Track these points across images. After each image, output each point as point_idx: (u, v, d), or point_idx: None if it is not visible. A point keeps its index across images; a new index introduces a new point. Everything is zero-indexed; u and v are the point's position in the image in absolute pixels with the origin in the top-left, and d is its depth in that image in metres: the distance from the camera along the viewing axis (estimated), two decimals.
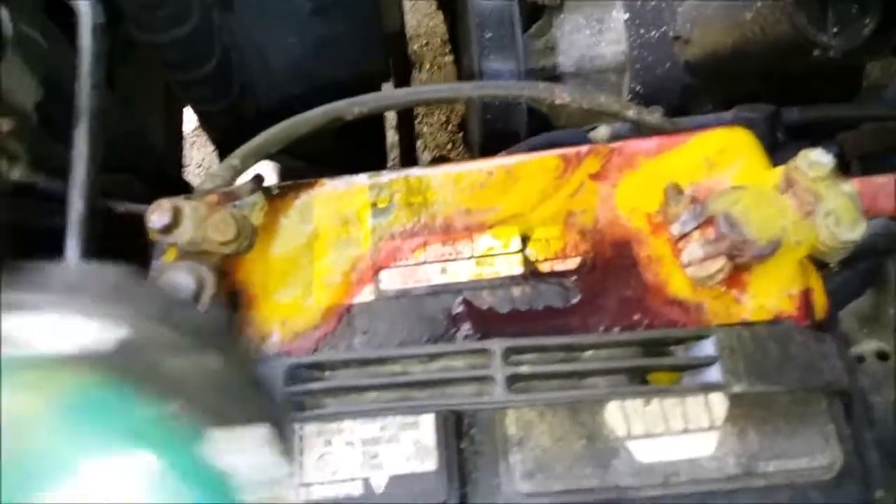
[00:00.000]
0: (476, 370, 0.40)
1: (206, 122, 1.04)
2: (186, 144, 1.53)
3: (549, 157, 0.53)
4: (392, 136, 1.29)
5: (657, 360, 0.40)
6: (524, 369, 0.40)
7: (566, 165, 0.52)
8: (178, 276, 0.49)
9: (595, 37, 0.86)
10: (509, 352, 0.40)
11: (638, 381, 0.40)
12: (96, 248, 0.57)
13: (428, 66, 1.94)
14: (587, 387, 0.40)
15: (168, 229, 0.50)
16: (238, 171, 0.53)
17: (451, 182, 0.53)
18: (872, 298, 0.78)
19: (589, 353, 0.41)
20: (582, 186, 0.51)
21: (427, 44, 1.93)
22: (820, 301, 0.47)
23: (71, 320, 0.21)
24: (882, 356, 0.75)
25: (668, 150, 0.51)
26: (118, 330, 0.21)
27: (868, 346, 0.75)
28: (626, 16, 0.84)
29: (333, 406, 0.41)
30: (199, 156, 1.68)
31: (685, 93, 0.85)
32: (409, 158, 1.21)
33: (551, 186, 0.52)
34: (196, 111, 1.01)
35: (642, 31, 0.84)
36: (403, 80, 1.19)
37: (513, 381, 0.40)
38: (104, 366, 0.20)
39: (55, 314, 0.21)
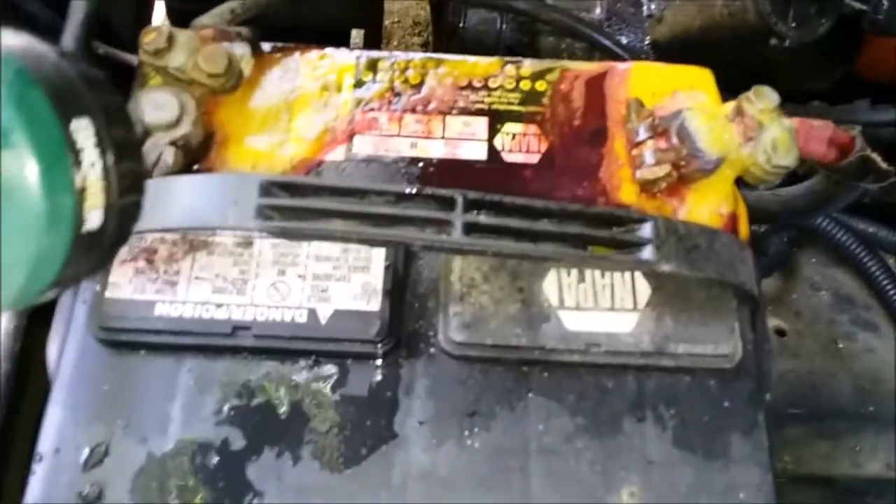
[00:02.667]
0: (438, 213, 0.43)
1: (177, 23, 1.03)
2: None
3: (533, 65, 0.57)
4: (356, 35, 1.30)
5: (601, 233, 0.44)
6: (482, 219, 0.43)
7: (543, 73, 0.56)
8: (162, 97, 0.50)
9: (576, 3, 0.91)
10: (471, 203, 0.44)
11: (581, 250, 0.44)
12: None
13: (395, 44, 1.97)
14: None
15: (160, 53, 0.51)
16: (236, 16, 0.55)
17: (434, 69, 0.56)
18: (779, 282, 0.86)
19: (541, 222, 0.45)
20: (556, 93, 0.55)
21: (398, 21, 1.96)
22: (744, 229, 0.53)
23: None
24: (780, 332, 0.83)
25: (641, 74, 0.56)
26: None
27: (769, 322, 0.82)
28: None
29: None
30: None
31: None
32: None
33: (529, 89, 0.56)
34: (169, 7, 1.00)
35: (619, 5, 0.89)
36: (374, 47, 1.21)
37: (470, 229, 0.43)
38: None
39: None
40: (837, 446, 0.75)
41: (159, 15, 1.07)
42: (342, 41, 1.17)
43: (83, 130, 0.27)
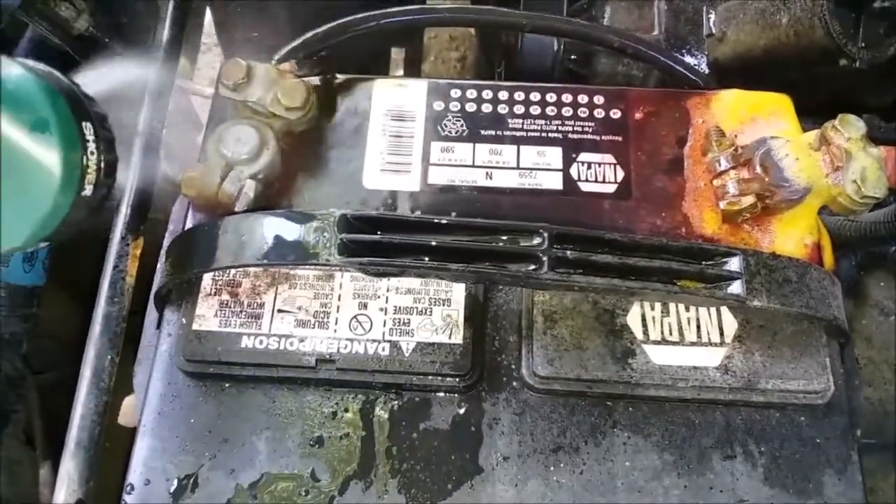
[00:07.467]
0: (523, 248, 0.43)
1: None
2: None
3: (606, 92, 0.56)
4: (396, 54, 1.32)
5: (689, 268, 0.43)
6: (569, 254, 0.43)
7: (617, 101, 0.56)
8: (242, 130, 0.51)
9: (634, 22, 0.90)
10: (557, 237, 0.43)
11: (669, 285, 0.43)
12: None
13: (432, 59, 1.97)
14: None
15: (239, 87, 0.52)
16: (312, 49, 0.55)
17: (506, 97, 0.56)
18: (848, 307, 0.84)
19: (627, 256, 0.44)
20: (631, 120, 0.55)
21: (435, 37, 1.96)
22: (828, 259, 0.51)
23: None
24: None
25: (718, 101, 0.55)
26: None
27: None
28: (666, 7, 0.88)
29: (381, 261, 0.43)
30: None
31: None
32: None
33: (603, 117, 0.55)
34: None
35: (678, 25, 0.88)
36: (415, 63, 1.22)
37: (557, 263, 0.42)
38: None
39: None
40: None
41: None
42: (383, 59, 1.17)
43: (87, 128, 0.40)
